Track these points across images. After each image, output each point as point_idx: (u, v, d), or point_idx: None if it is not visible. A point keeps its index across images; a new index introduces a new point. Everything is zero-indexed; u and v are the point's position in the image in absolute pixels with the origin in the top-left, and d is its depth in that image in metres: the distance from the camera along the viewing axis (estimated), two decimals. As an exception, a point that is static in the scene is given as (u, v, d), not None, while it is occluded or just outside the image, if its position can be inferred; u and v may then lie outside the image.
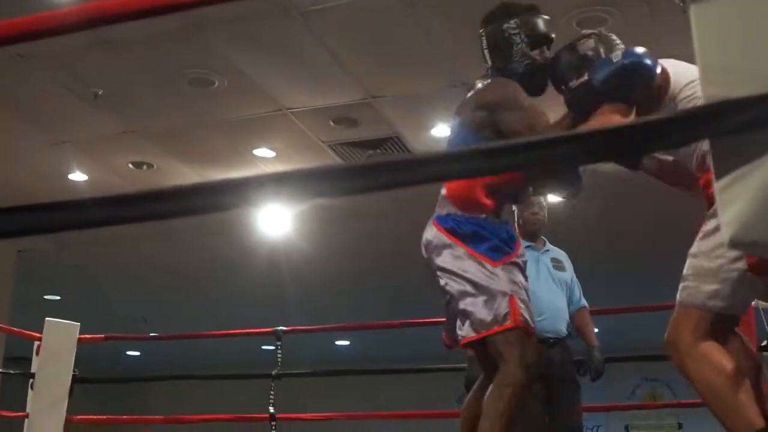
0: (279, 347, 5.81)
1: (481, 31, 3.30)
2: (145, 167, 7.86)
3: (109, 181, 7.94)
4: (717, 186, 1.11)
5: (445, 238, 3.11)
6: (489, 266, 3.03)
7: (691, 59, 4.27)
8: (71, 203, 1.24)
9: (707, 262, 2.62)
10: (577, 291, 4.71)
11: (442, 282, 3.15)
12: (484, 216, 3.12)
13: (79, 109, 6.69)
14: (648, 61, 2.89)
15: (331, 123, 6.99)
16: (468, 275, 3.04)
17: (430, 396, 8.90)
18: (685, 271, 2.69)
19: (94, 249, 10.08)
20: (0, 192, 7.90)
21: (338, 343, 16.27)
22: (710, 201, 2.62)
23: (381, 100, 6.59)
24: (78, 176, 7.98)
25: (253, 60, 6.04)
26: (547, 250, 4.72)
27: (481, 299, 3.01)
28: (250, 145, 7.42)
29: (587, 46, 3.09)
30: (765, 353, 4.17)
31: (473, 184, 3.13)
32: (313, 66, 6.11)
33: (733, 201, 1.09)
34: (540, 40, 3.20)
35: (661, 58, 3.03)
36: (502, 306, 2.98)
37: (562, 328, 4.52)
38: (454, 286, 3.08)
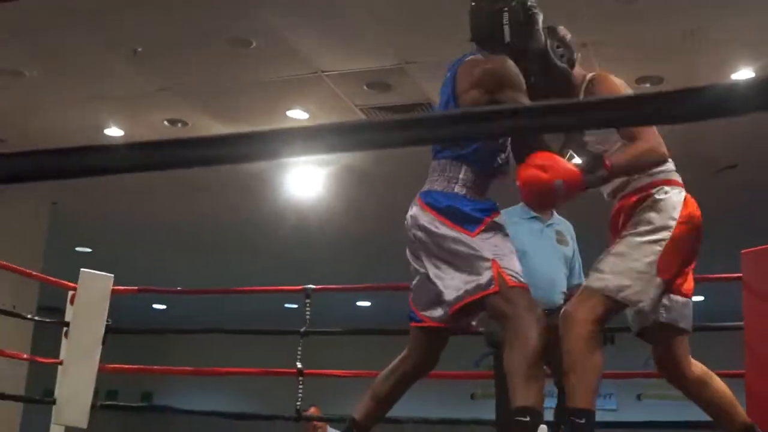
0: (308, 305, 5.92)
1: (501, 6, 3.23)
2: (179, 125, 7.98)
3: (144, 137, 8.06)
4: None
5: (427, 213, 3.17)
6: (467, 237, 3.06)
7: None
8: (100, 147, 1.26)
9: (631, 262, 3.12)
10: (577, 266, 4.68)
11: (422, 255, 3.21)
12: (462, 192, 3.19)
13: (117, 65, 6.80)
14: None
15: (365, 87, 7.07)
16: (448, 247, 3.10)
17: (449, 356, 9.02)
18: (600, 265, 3.20)
19: (125, 204, 10.23)
20: (36, 142, 8.04)
21: (359, 303, 16.42)
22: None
23: (414, 66, 6.65)
24: (114, 131, 8.11)
25: (290, 21, 6.11)
26: (552, 223, 4.72)
27: (462, 269, 3.06)
28: (284, 106, 7.52)
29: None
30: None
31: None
32: (350, 29, 6.19)
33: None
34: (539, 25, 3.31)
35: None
36: (486, 272, 3.02)
37: (557, 299, 4.50)
38: (433, 257, 3.15)
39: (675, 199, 3.21)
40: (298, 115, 7.62)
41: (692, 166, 8.26)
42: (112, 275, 5.89)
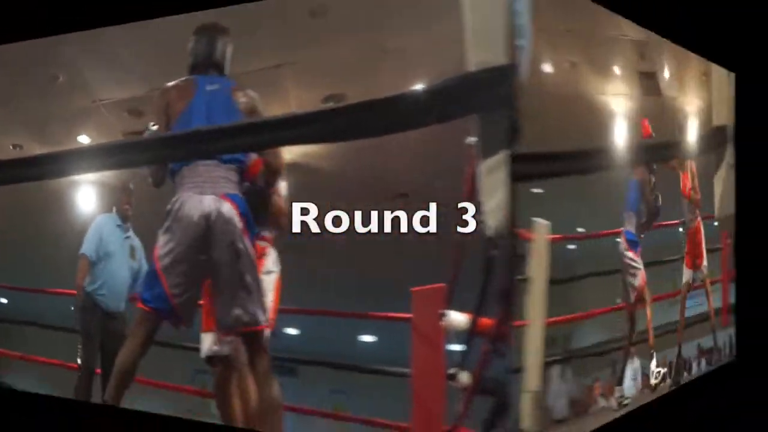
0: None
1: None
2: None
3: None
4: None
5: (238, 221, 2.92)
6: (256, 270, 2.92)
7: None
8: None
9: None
10: (140, 280, 4.77)
11: (217, 252, 3.00)
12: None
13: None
14: None
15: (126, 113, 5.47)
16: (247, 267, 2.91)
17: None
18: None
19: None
20: None
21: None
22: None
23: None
24: None
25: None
26: (129, 236, 5.04)
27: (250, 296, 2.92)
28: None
29: None
30: (451, 383, 3.69)
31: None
32: (119, 62, 5.45)
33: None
34: None
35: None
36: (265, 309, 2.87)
37: (122, 306, 5.00)
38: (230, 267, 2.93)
39: None
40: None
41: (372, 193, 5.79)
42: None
